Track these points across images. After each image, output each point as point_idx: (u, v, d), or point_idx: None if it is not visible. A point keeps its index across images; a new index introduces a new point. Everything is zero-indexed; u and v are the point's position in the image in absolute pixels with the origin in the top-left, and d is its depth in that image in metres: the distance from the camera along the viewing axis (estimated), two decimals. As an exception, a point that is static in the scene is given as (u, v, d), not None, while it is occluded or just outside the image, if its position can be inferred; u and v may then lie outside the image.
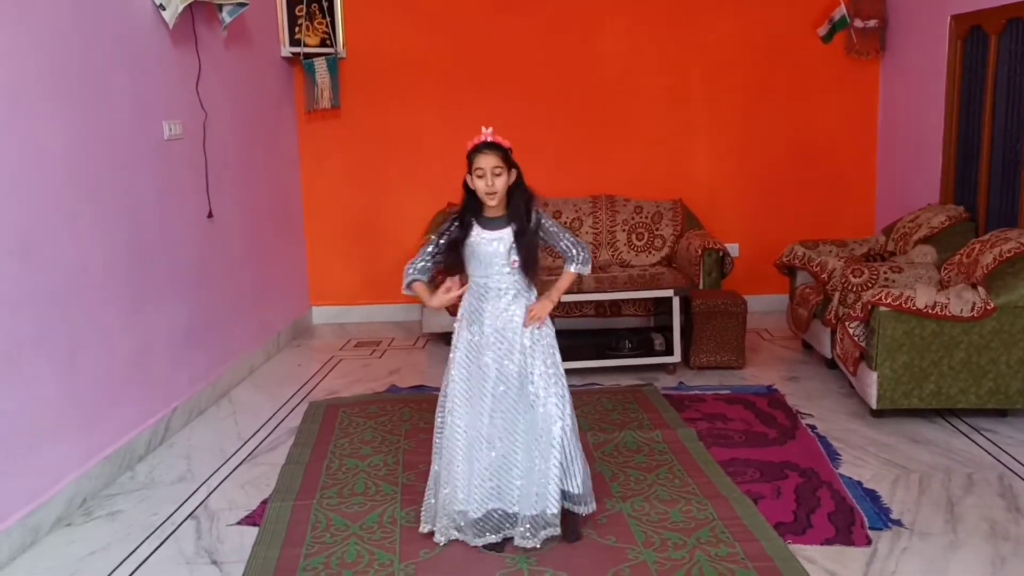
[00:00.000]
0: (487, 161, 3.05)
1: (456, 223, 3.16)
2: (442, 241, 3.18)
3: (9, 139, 3.26)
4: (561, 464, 3.10)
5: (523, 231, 3.10)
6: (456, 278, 3.16)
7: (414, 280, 3.20)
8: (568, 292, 3.34)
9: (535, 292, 3.20)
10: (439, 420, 3.23)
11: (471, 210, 3.14)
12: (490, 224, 3.12)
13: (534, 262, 3.13)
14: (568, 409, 3.15)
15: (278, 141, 6.18)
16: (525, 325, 3.12)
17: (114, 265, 3.94)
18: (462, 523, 3.11)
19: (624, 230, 6.31)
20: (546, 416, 3.09)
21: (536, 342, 3.14)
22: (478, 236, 3.11)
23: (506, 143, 3.11)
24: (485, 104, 6.44)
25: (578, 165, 6.51)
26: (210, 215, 4.90)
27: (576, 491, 3.17)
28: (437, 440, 3.22)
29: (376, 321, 6.75)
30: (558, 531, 3.10)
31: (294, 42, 6.19)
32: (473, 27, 6.45)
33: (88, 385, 3.72)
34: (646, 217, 6.32)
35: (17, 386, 3.26)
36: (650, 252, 6.28)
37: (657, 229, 6.30)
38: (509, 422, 3.11)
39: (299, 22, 6.16)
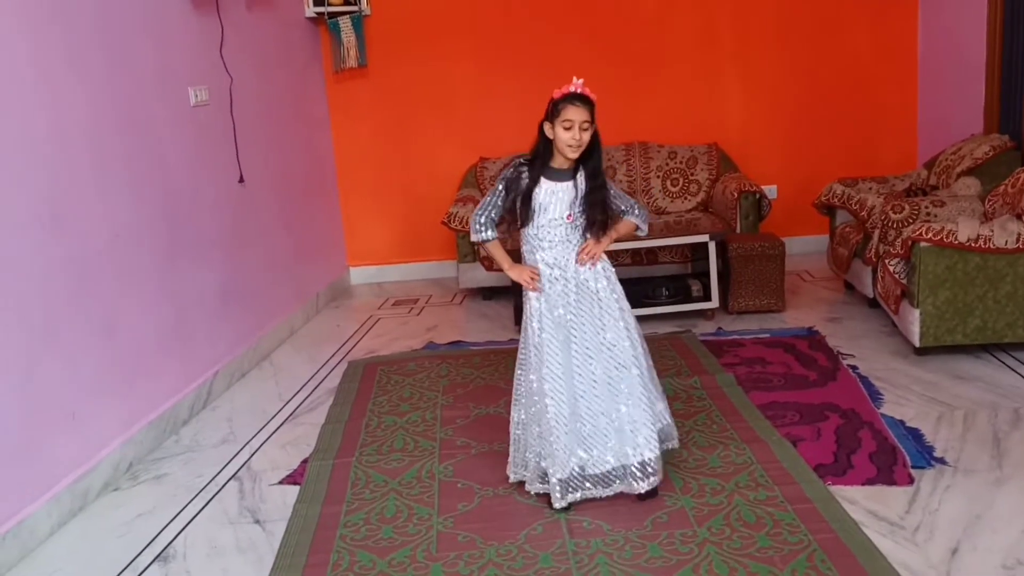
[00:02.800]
0: (578, 114, 2.93)
1: (524, 168, 3.07)
2: (508, 187, 3.09)
3: (35, 109, 3.28)
4: (648, 407, 3.07)
5: (596, 188, 3.04)
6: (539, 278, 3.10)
7: (489, 239, 3.14)
8: (617, 240, 3.25)
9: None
10: (520, 374, 3.17)
11: (541, 157, 3.06)
12: (555, 175, 3.05)
13: (603, 219, 3.08)
14: (640, 350, 3.12)
15: (307, 103, 6.17)
16: (578, 261, 3.09)
17: (147, 232, 3.98)
18: (562, 477, 3.02)
19: (659, 176, 6.22)
20: (624, 361, 3.06)
21: (600, 288, 3.10)
22: (542, 186, 3.05)
23: (594, 96, 2.99)
24: (514, 54, 6.36)
25: (610, 112, 6.30)
26: (241, 180, 4.91)
27: (664, 424, 3.19)
28: (524, 395, 3.16)
29: (413, 279, 6.77)
30: (659, 476, 3.07)
31: (318, 1, 6.15)
32: (497, -24, 6.36)
33: (128, 351, 3.78)
34: (680, 162, 6.23)
35: (57, 354, 3.32)
36: (686, 198, 6.19)
37: (692, 174, 6.21)
38: (588, 372, 3.07)
39: (322, -19, 6.12)
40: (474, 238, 3.17)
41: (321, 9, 6.15)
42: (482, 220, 3.13)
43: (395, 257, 6.84)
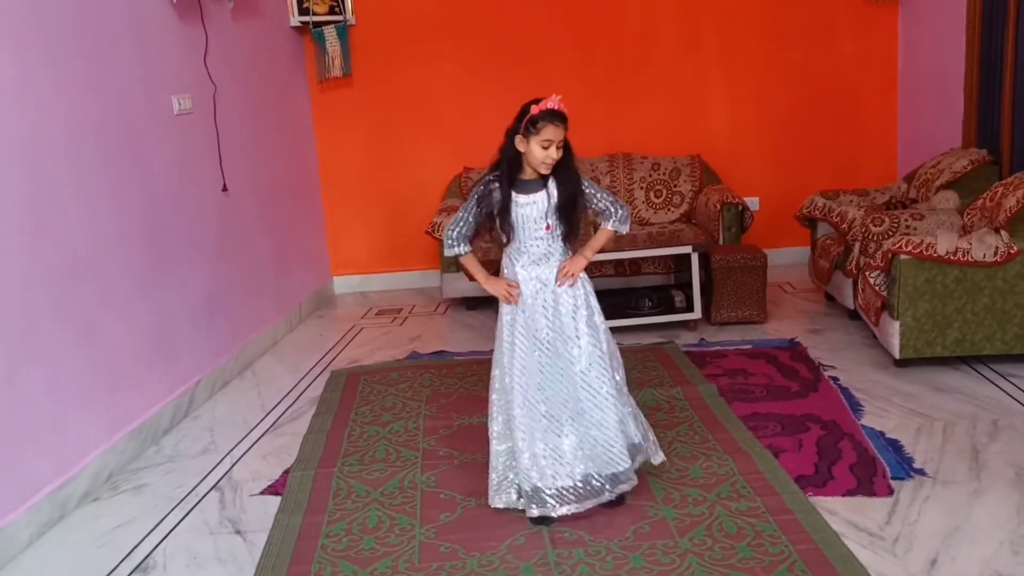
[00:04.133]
0: (557, 133, 2.91)
1: (495, 184, 3.04)
2: (480, 203, 3.07)
3: (17, 118, 3.27)
4: (618, 424, 3.06)
5: (570, 196, 3.01)
6: (518, 288, 3.08)
7: (462, 253, 3.13)
8: (603, 251, 3.25)
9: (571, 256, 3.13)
10: (499, 387, 3.16)
11: (510, 170, 3.02)
12: (525, 187, 3.02)
13: (577, 230, 3.06)
14: (615, 370, 3.11)
15: (291, 112, 6.16)
16: (557, 282, 3.06)
17: (129, 240, 3.96)
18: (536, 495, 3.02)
19: (642, 188, 6.25)
20: (595, 379, 3.05)
21: (578, 306, 3.08)
22: (517, 200, 3.02)
23: (567, 114, 2.96)
24: (499, 65, 6.39)
25: (594, 123, 6.43)
26: (224, 188, 4.90)
27: (635, 441, 3.15)
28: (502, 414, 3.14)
29: (397, 288, 6.77)
30: (629, 484, 3.08)
31: (303, 11, 6.16)
32: (482, -13, 6.39)
33: (109, 360, 3.76)
34: (664, 174, 6.26)
35: (38, 362, 3.30)
36: (669, 209, 6.22)
37: (675, 186, 6.24)
38: (560, 391, 3.05)
39: (307, -10, 6.12)
40: (447, 253, 3.17)
41: (306, 18, 6.16)
42: (454, 235, 3.12)
43: (379, 267, 6.84)
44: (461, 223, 3.11)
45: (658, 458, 3.25)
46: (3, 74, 3.21)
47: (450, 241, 3.13)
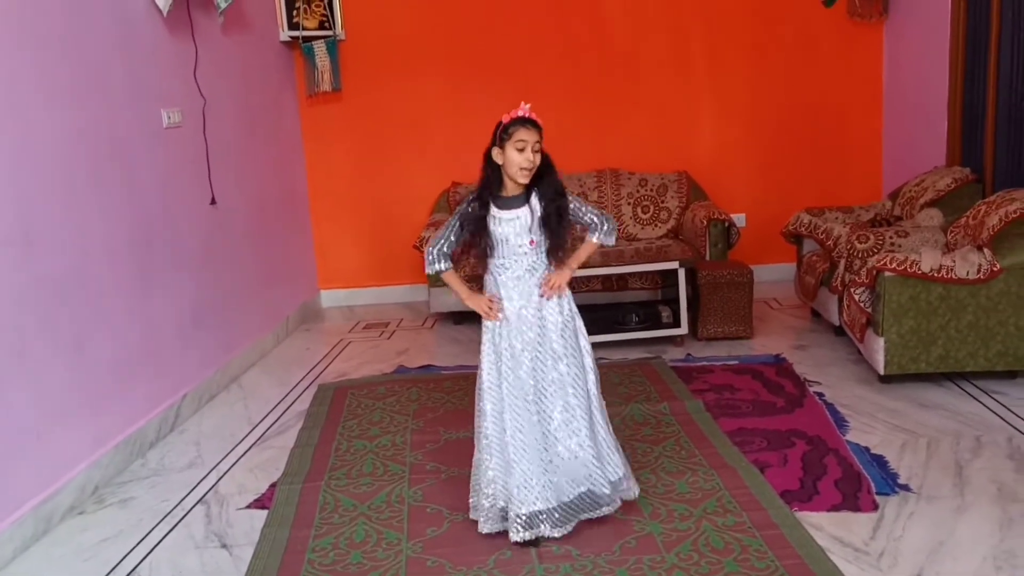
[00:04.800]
0: (530, 135, 2.91)
1: (475, 201, 3.04)
2: (462, 221, 3.06)
3: (5, 131, 3.26)
4: (593, 447, 3.05)
5: (554, 208, 3.00)
6: (501, 301, 3.06)
7: (442, 270, 3.12)
8: (588, 265, 3.23)
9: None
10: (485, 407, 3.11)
11: (490, 187, 3.03)
12: (507, 203, 3.02)
13: (563, 243, 3.05)
14: (595, 388, 3.11)
15: (280, 126, 6.17)
16: (542, 294, 3.05)
17: (117, 254, 3.96)
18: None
19: (629, 203, 6.28)
20: (576, 400, 3.05)
21: (563, 322, 3.06)
22: (494, 215, 3.01)
23: (541, 122, 2.98)
24: (487, 81, 6.42)
25: (582, 139, 6.48)
26: (213, 202, 4.91)
27: (614, 477, 3.11)
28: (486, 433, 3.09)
29: (385, 303, 6.77)
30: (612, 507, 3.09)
31: (292, 26, 6.18)
32: (472, 2, 6.42)
33: (96, 373, 3.75)
34: (651, 190, 6.30)
35: (24, 376, 3.29)
36: (656, 225, 6.26)
37: (662, 201, 6.28)
38: (542, 406, 3.04)
39: (297, 5, 6.14)
40: (428, 271, 3.14)
41: (296, 33, 6.18)
42: (434, 253, 3.10)
43: (366, 281, 6.84)
44: (442, 240, 3.10)
45: (632, 494, 3.20)
46: (-7, 87, 3.21)
47: (431, 258, 3.12)
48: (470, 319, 5.93)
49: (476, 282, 3.24)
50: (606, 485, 3.07)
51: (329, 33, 6.26)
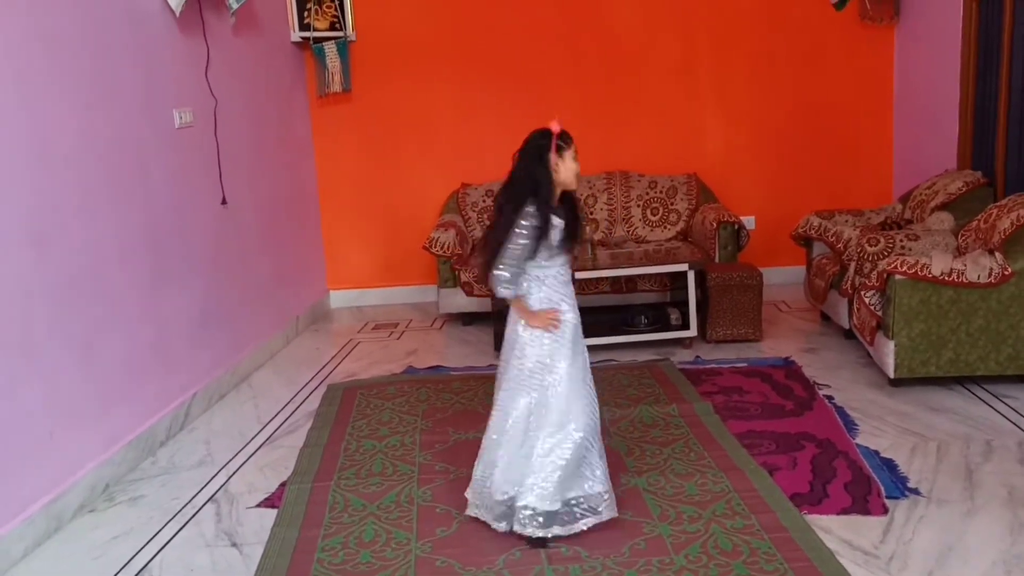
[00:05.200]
0: (574, 147, 3.04)
1: (540, 210, 2.94)
2: (536, 238, 2.95)
3: (19, 129, 3.29)
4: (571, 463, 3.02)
5: (579, 219, 3.11)
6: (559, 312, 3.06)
7: (514, 296, 3.05)
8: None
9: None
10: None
11: (551, 195, 3.00)
12: (556, 211, 3.02)
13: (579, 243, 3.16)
14: (585, 415, 3.06)
15: (290, 126, 6.19)
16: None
17: (129, 253, 3.98)
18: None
19: (639, 205, 6.28)
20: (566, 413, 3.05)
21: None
22: (555, 223, 3.01)
23: None
24: (497, 83, 6.43)
25: (591, 141, 6.36)
26: (224, 202, 4.92)
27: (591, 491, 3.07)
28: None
29: (394, 303, 6.78)
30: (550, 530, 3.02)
31: (304, 27, 6.19)
32: (483, 5, 6.42)
33: (107, 372, 3.77)
34: (660, 192, 6.29)
35: (37, 374, 3.31)
36: (665, 227, 6.25)
37: (672, 204, 6.27)
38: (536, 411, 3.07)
39: (308, 6, 6.16)
40: (501, 294, 3.04)
41: (307, 34, 6.20)
42: (508, 276, 2.99)
43: (375, 281, 6.85)
44: (514, 262, 2.98)
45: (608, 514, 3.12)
46: (5, 88, 3.23)
47: (504, 283, 3.00)
48: (479, 320, 5.94)
49: (474, 284, 3.24)
50: (549, 496, 2.99)
51: (340, 34, 6.28)
